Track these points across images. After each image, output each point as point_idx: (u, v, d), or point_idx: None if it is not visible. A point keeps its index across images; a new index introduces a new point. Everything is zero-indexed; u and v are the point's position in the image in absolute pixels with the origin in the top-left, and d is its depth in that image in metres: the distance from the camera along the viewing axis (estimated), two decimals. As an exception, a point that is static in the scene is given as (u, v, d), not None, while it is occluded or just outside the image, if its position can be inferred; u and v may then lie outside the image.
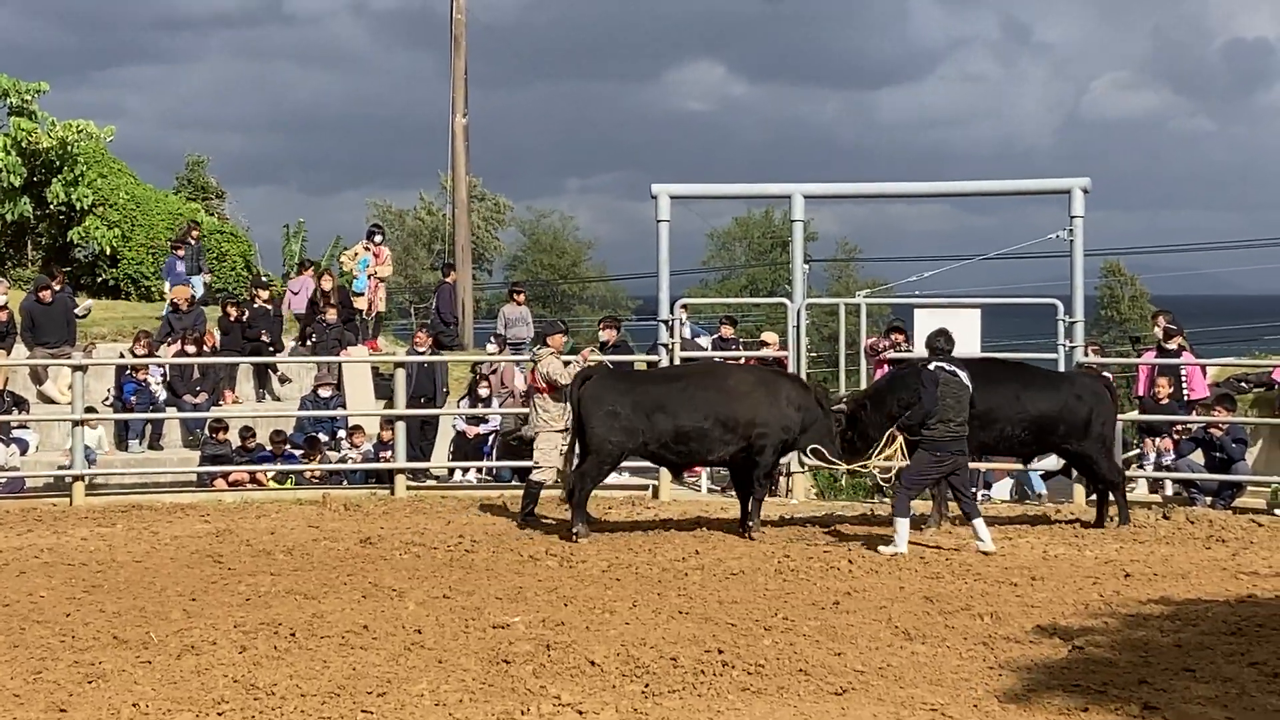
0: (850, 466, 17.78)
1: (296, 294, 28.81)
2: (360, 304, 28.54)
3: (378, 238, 29.66)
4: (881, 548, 15.93)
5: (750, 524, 17.33)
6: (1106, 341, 35.01)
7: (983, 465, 20.35)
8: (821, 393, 18.07)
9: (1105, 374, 19.32)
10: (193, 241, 30.67)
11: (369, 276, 28.81)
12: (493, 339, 27.01)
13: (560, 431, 18.16)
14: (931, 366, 16.33)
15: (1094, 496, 18.38)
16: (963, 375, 16.25)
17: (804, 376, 19.34)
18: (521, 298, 28.86)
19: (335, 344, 26.01)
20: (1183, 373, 21.00)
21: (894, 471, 16.76)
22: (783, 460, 18.79)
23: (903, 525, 16.05)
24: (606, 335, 23.68)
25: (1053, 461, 19.54)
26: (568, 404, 18.12)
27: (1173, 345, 21.44)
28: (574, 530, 17.06)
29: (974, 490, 18.14)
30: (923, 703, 9.81)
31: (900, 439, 16.55)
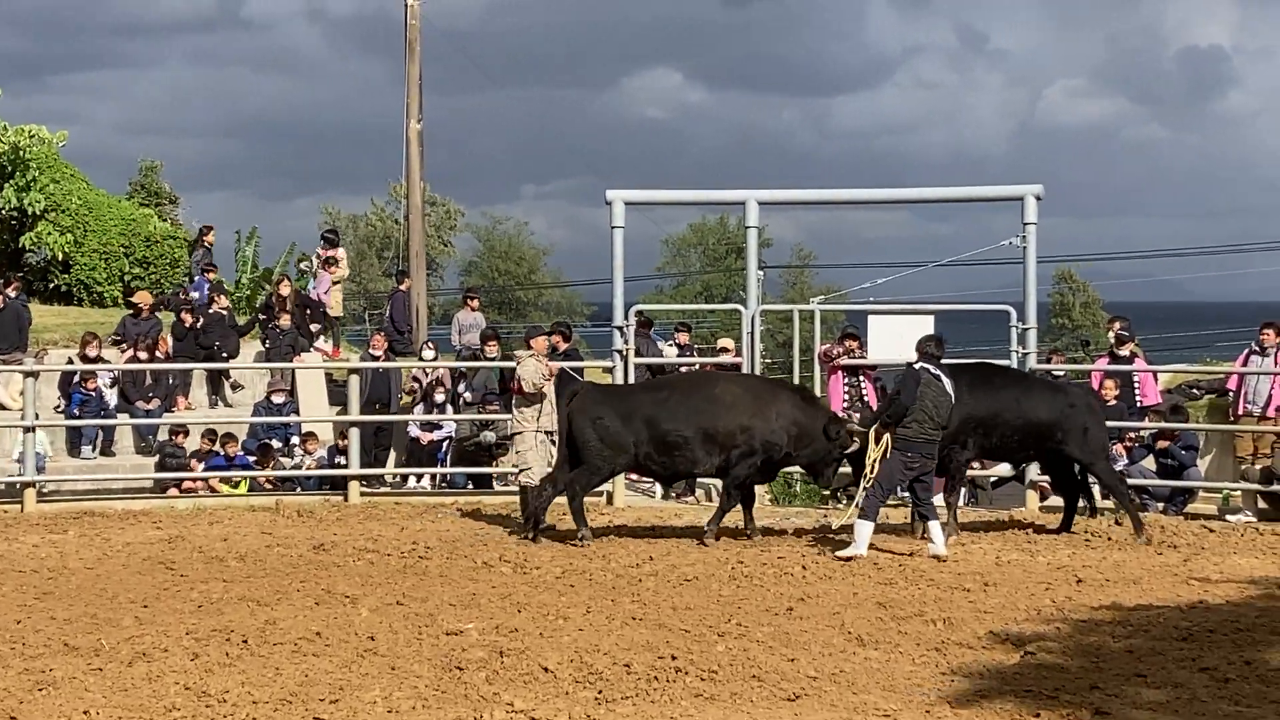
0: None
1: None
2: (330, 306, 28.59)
3: (326, 242, 29.60)
4: (841, 553, 15.94)
5: (707, 529, 17.29)
6: (1059, 348, 35.07)
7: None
8: (830, 415, 17.87)
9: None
10: (207, 245, 30.54)
11: (316, 274, 28.80)
12: (429, 345, 26.96)
13: (536, 432, 18.14)
14: (915, 366, 16.38)
15: (1046, 501, 18.44)
16: (947, 383, 16.27)
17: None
18: (475, 303, 28.79)
19: (289, 350, 25.94)
20: (1135, 379, 21.08)
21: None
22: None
23: (865, 528, 16.06)
24: (555, 342, 23.61)
25: (1004, 469, 19.60)
26: (542, 405, 18.16)
27: (1125, 351, 21.53)
28: (581, 535, 17.18)
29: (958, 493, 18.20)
30: (875, 708, 9.82)
31: (887, 436, 16.46)
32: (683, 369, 22.34)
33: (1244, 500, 19.67)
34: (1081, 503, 18.15)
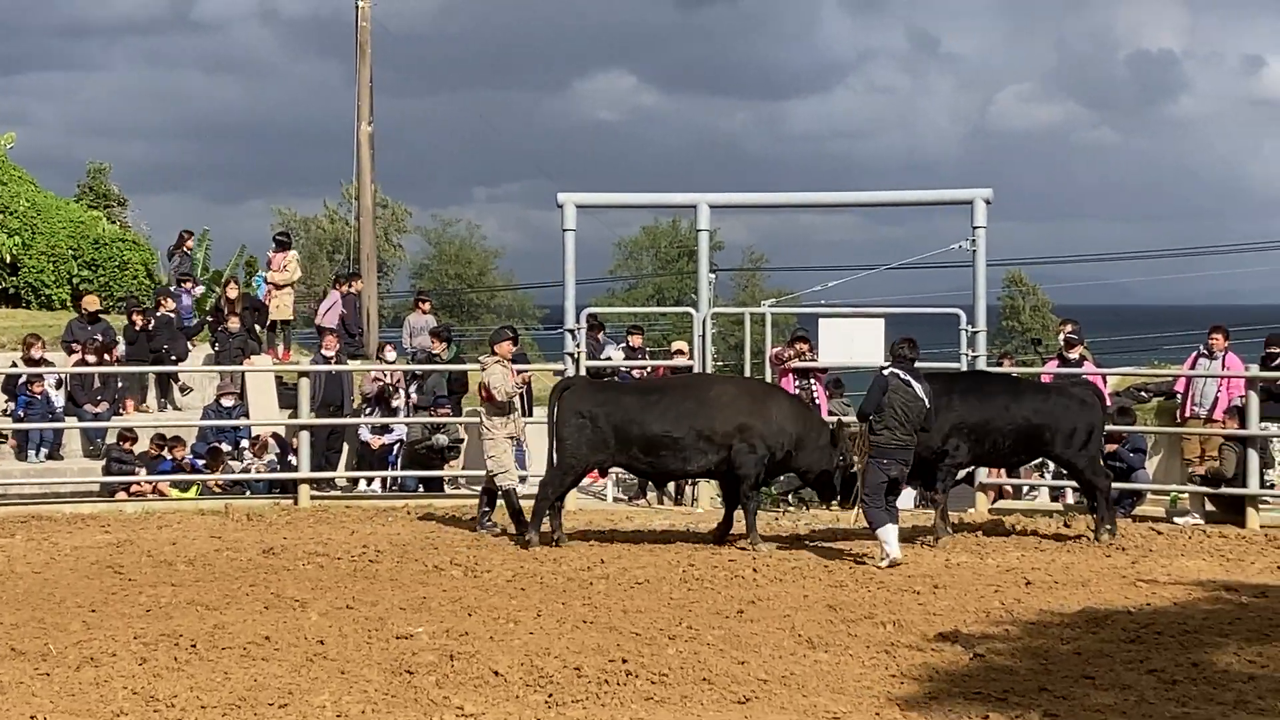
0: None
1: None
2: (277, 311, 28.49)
3: (273, 246, 29.53)
4: (879, 562, 15.79)
5: (749, 537, 17.10)
6: (1010, 351, 35.26)
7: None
8: (835, 426, 17.67)
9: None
10: (186, 250, 30.38)
11: (265, 281, 28.69)
12: (390, 347, 26.87)
13: (506, 439, 18.09)
14: (885, 371, 16.34)
15: (996, 504, 18.50)
16: (917, 387, 16.21)
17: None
18: (427, 306, 28.73)
19: (238, 353, 25.84)
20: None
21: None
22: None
23: (888, 532, 15.95)
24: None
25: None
26: (513, 414, 18.13)
27: (1074, 355, 21.61)
28: (527, 537, 17.13)
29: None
30: (825, 710, 9.84)
31: (862, 436, 16.40)
32: (634, 372, 22.34)
33: (1191, 503, 19.77)
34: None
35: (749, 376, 20.37)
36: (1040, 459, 19.32)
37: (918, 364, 16.84)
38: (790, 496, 20.61)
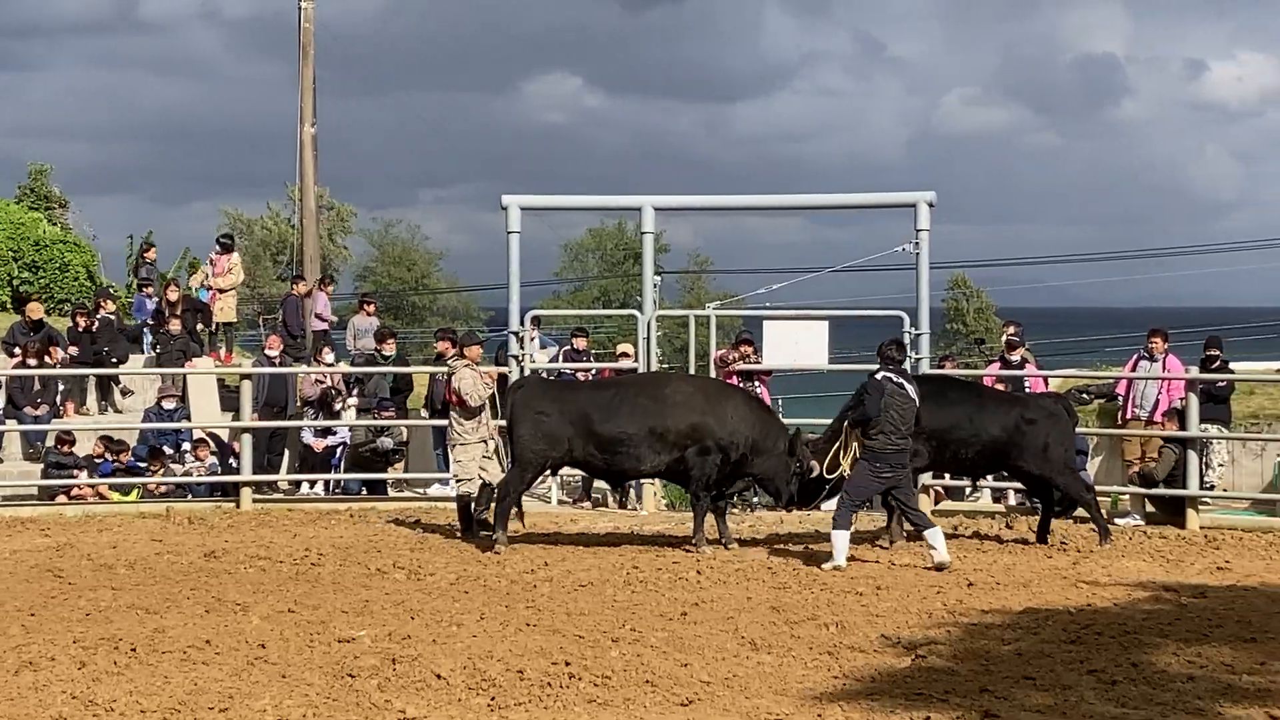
0: (831, 477, 16.80)
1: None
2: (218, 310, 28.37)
3: (217, 248, 29.39)
4: (825, 565, 15.78)
5: (693, 538, 17.12)
6: (954, 353, 35.46)
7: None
8: (793, 432, 17.50)
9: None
10: (149, 261, 30.20)
11: (208, 288, 28.54)
12: (328, 348, 26.79)
13: (477, 443, 18.02)
14: (879, 376, 16.22)
15: (938, 505, 18.54)
16: (910, 389, 16.12)
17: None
18: (371, 308, 28.66)
19: (180, 355, 25.72)
20: (1026, 384, 21.25)
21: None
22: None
23: (841, 538, 15.88)
24: (443, 347, 23.52)
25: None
26: (481, 417, 18.06)
27: (1015, 357, 21.71)
28: (494, 539, 17.04)
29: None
30: (768, 712, 9.85)
31: (855, 441, 16.27)
32: (579, 375, 22.33)
33: (1132, 504, 19.89)
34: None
35: (707, 376, 20.33)
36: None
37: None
38: (735, 498, 20.62)
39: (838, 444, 16.52)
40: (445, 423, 22.11)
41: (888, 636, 12.15)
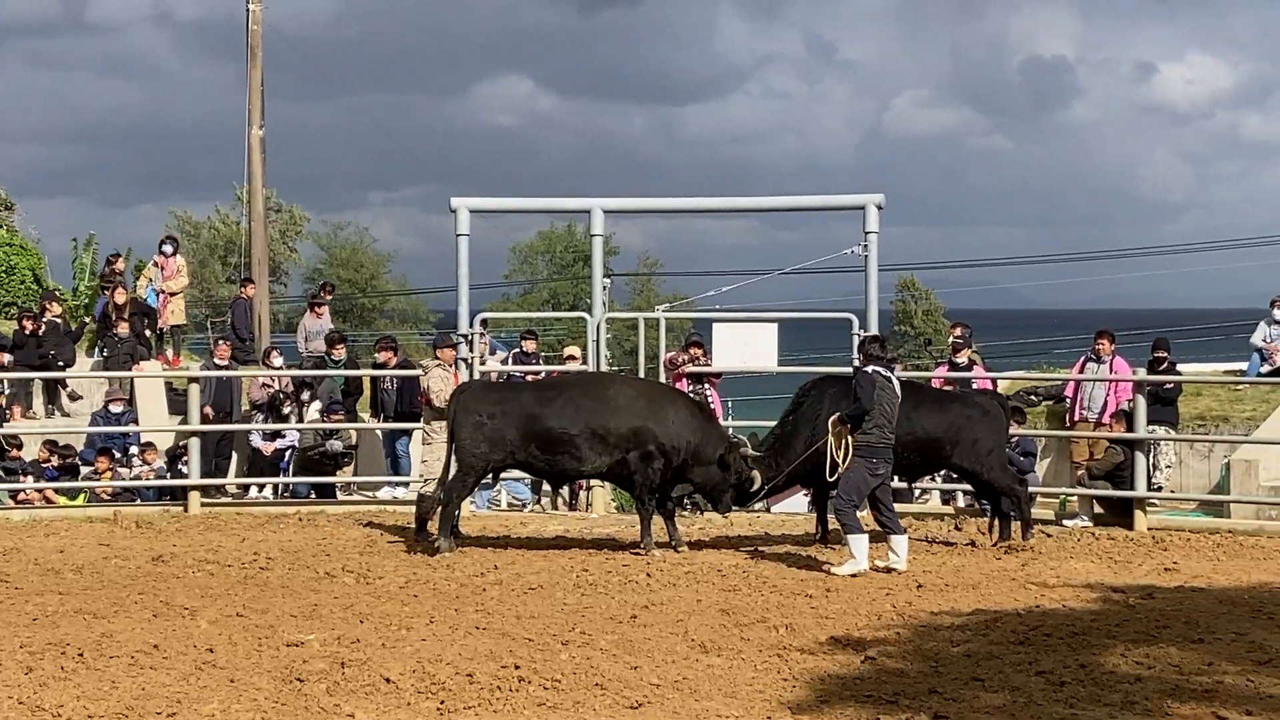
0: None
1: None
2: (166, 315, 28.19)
3: (167, 248, 29.18)
4: (834, 569, 15.69)
5: (642, 545, 17.02)
6: (903, 355, 35.59)
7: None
8: (729, 442, 17.39)
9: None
10: (119, 271, 30.00)
11: (157, 291, 28.38)
12: (276, 352, 26.69)
13: (444, 443, 17.95)
14: (869, 369, 16.11)
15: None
16: (896, 384, 16.12)
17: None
18: (320, 310, 28.56)
19: (127, 358, 25.58)
20: (973, 385, 21.33)
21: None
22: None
23: (859, 542, 15.73)
24: (384, 357, 23.48)
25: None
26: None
27: (962, 359, 21.78)
28: (437, 544, 16.97)
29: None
30: (717, 715, 9.85)
31: (846, 431, 16.06)
32: (528, 378, 22.31)
33: (1080, 505, 19.97)
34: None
35: (652, 380, 20.33)
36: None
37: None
38: (685, 501, 20.62)
39: (836, 446, 16.30)
40: (394, 426, 22.20)
41: (837, 638, 12.16)
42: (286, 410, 23.59)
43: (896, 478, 18.74)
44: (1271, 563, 16.70)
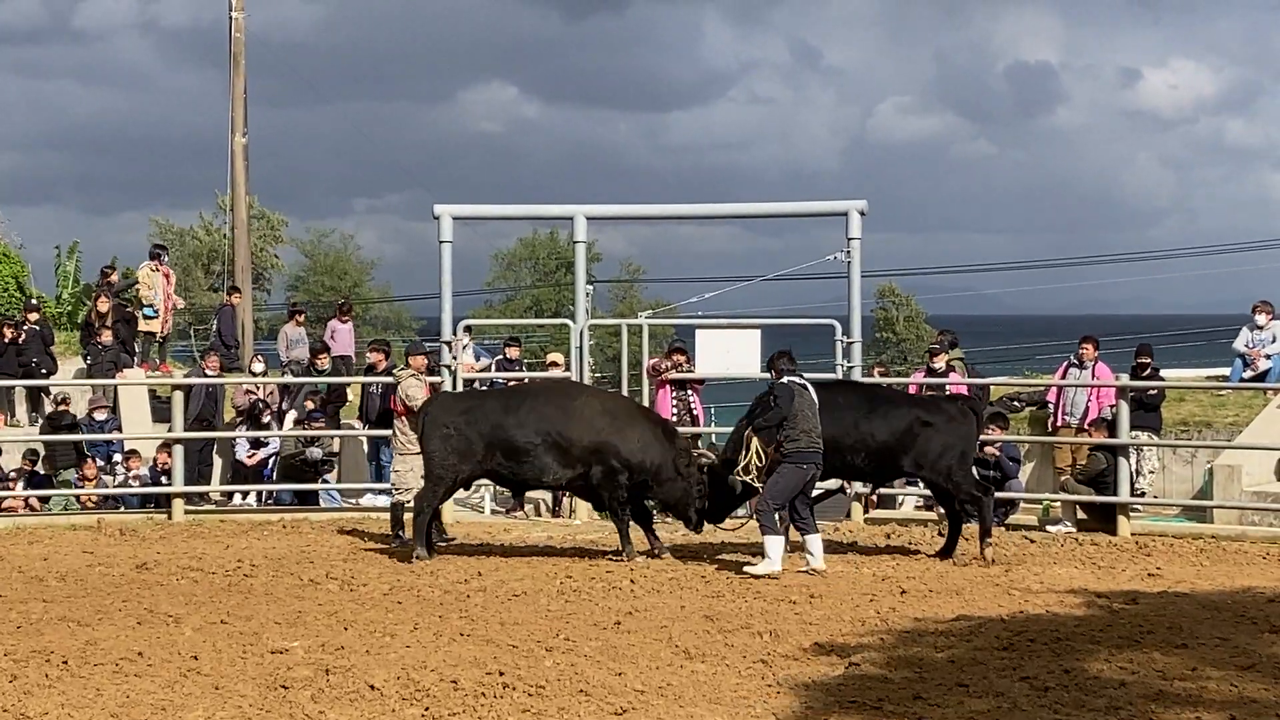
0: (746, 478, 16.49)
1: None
2: (154, 326, 28.13)
3: (165, 258, 29.24)
4: (748, 568, 15.80)
5: (623, 550, 16.97)
6: (882, 361, 35.64)
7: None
8: (684, 448, 17.31)
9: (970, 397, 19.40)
10: (111, 282, 29.96)
11: (163, 298, 28.42)
12: (258, 358, 26.69)
13: (418, 454, 17.91)
14: (784, 380, 16.21)
15: (869, 513, 18.59)
16: (811, 391, 16.19)
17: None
18: (301, 318, 28.53)
19: (111, 366, 25.54)
20: (948, 391, 21.29)
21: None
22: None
23: (775, 543, 15.81)
24: (374, 359, 23.49)
25: (831, 482, 19.69)
26: None
27: (939, 364, 21.78)
28: (415, 554, 16.93)
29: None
30: (702, 721, 9.88)
31: (756, 442, 16.21)
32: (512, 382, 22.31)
33: (1063, 511, 20.00)
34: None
35: (617, 392, 20.29)
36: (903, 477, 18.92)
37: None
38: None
39: (744, 454, 16.41)
40: (381, 433, 22.15)
41: (821, 645, 12.18)
42: (266, 419, 23.56)
43: (851, 483, 18.80)
44: (1254, 568, 16.74)
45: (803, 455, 16.02)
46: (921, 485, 19.14)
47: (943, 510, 18.43)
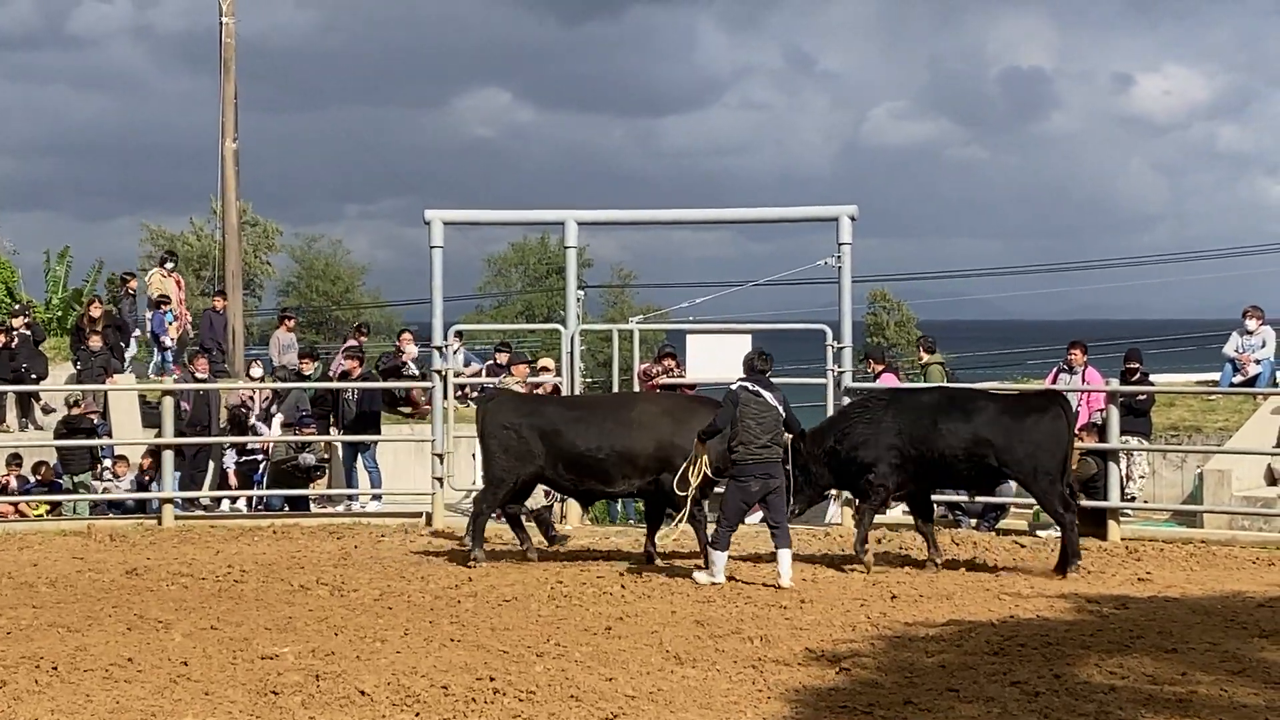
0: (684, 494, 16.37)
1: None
2: (174, 332, 28.28)
3: (169, 264, 29.37)
4: (697, 575, 15.82)
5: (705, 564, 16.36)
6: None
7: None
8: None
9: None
10: (131, 292, 29.98)
11: (179, 303, 28.58)
12: (256, 363, 26.70)
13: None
14: (734, 385, 16.10)
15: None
16: (768, 396, 15.86)
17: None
18: (291, 323, 28.54)
19: (100, 372, 25.52)
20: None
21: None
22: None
23: (719, 558, 15.78)
24: (349, 366, 23.49)
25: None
26: None
27: (872, 370, 21.81)
28: (471, 557, 16.96)
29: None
30: (692, 727, 9.88)
31: (704, 456, 16.14)
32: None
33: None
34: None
35: (678, 394, 20.10)
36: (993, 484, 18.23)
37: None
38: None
39: (688, 461, 16.32)
40: (354, 439, 22.11)
41: (812, 650, 12.18)
42: (251, 421, 23.52)
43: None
44: (1244, 572, 16.76)
45: (744, 470, 15.80)
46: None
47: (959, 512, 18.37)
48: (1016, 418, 16.70)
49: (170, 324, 28.40)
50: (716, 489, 16.86)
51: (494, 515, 17.77)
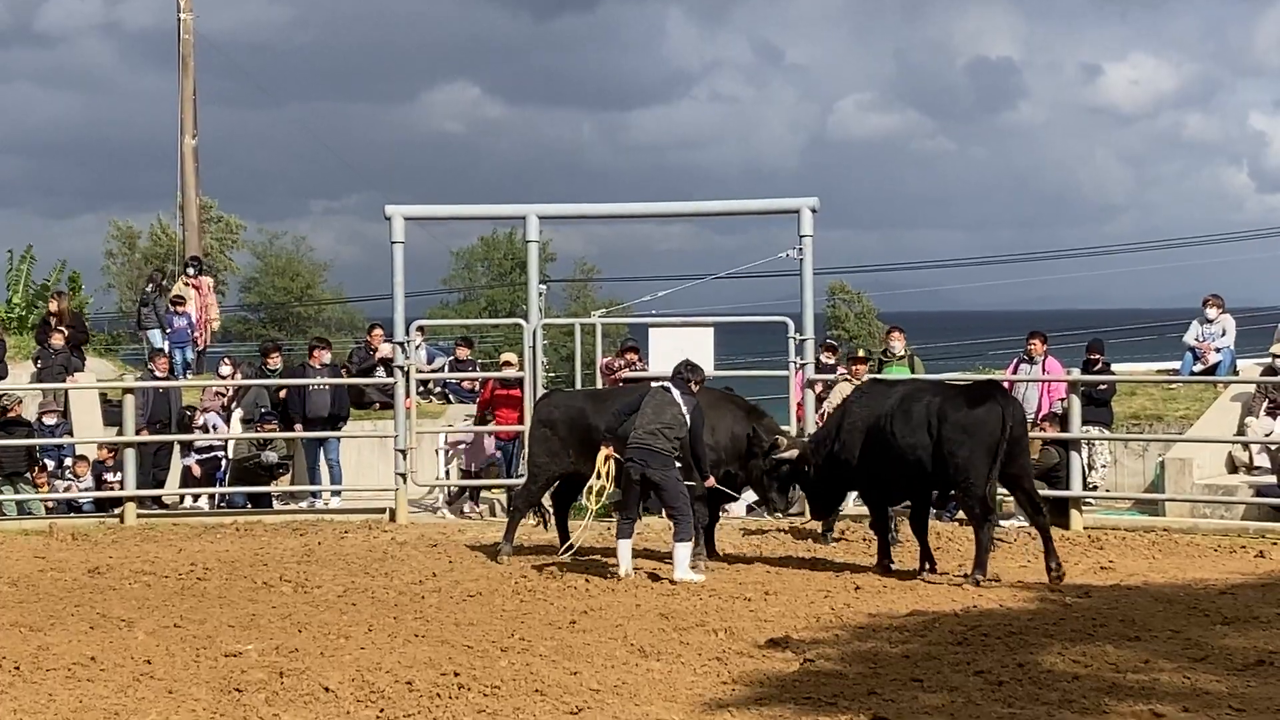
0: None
1: None
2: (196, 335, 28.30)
3: (191, 270, 29.32)
4: (679, 573, 15.65)
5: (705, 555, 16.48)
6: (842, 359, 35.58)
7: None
8: (771, 426, 17.10)
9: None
10: (151, 289, 29.83)
11: (200, 309, 28.52)
12: (226, 360, 26.60)
13: None
14: (654, 384, 16.31)
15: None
16: (677, 395, 15.80)
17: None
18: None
19: (61, 370, 25.38)
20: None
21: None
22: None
23: (621, 545, 15.85)
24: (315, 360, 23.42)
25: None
26: None
27: (830, 360, 21.79)
28: (500, 553, 16.99)
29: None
30: (657, 719, 9.87)
31: (606, 451, 16.15)
32: (463, 384, 22.30)
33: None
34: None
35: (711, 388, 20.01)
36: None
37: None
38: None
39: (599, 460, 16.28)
40: (320, 435, 22.04)
41: (776, 641, 12.19)
42: (200, 422, 23.39)
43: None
44: (1206, 560, 16.85)
45: (627, 454, 15.82)
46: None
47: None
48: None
49: (177, 325, 28.22)
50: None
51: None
